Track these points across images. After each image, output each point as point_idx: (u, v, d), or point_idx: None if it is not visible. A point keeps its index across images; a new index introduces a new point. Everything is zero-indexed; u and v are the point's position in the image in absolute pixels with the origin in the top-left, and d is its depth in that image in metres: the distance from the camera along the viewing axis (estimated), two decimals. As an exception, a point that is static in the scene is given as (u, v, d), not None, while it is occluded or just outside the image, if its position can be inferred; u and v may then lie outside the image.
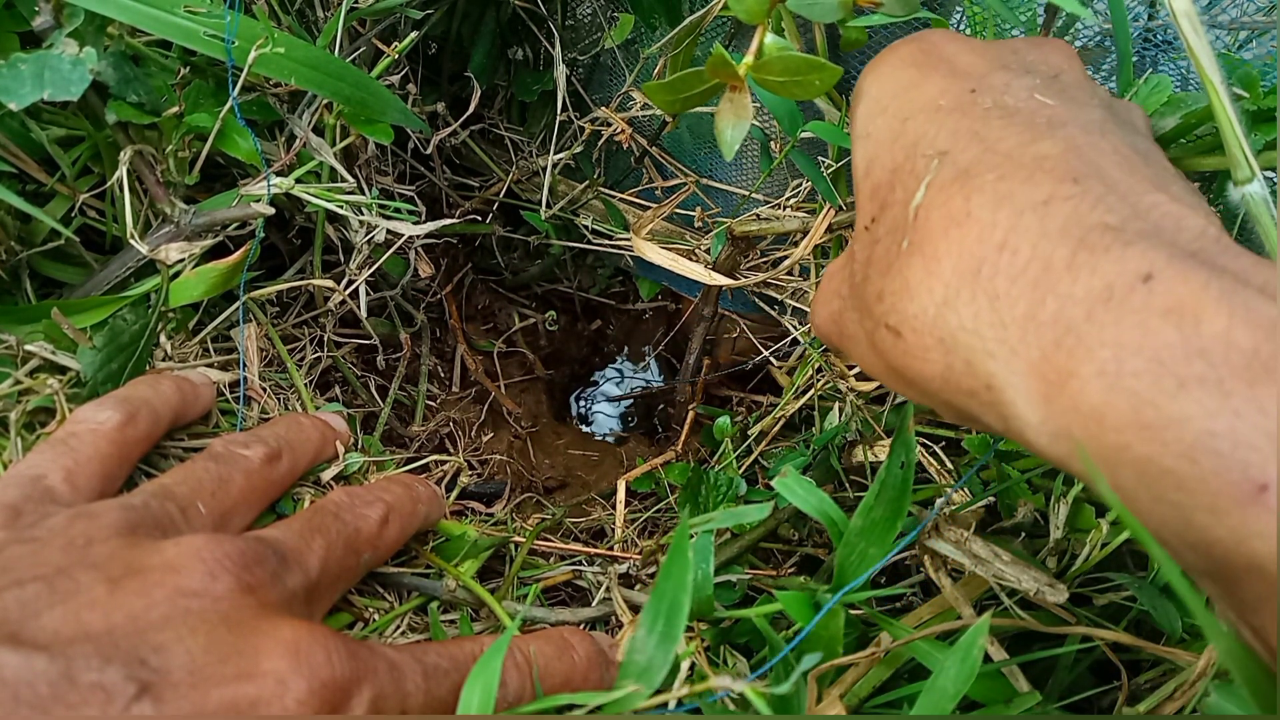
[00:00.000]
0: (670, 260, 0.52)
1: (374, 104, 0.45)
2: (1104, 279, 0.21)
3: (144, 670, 0.24)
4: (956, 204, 0.24)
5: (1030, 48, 0.30)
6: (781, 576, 0.43)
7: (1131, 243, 0.21)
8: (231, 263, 0.44)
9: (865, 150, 0.29)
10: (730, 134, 0.31)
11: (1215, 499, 0.19)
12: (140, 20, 0.37)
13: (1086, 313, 0.21)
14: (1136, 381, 0.20)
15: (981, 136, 0.26)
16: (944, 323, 0.24)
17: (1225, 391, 0.19)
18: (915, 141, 0.27)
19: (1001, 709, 0.32)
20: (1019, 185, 0.24)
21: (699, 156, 0.62)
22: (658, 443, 0.78)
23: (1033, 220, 0.23)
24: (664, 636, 0.28)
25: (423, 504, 0.39)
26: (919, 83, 0.28)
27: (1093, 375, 0.21)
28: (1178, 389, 0.19)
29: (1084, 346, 0.21)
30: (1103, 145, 0.25)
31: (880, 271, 0.27)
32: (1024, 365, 0.22)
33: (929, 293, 0.24)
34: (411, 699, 0.29)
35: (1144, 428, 0.20)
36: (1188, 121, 0.35)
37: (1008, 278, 0.23)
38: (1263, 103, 0.32)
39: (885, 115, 0.29)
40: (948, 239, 0.24)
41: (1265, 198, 0.27)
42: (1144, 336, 0.20)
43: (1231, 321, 0.19)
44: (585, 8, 0.60)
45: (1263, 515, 0.18)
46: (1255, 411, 0.19)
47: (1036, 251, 0.22)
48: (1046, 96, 0.27)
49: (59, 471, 0.32)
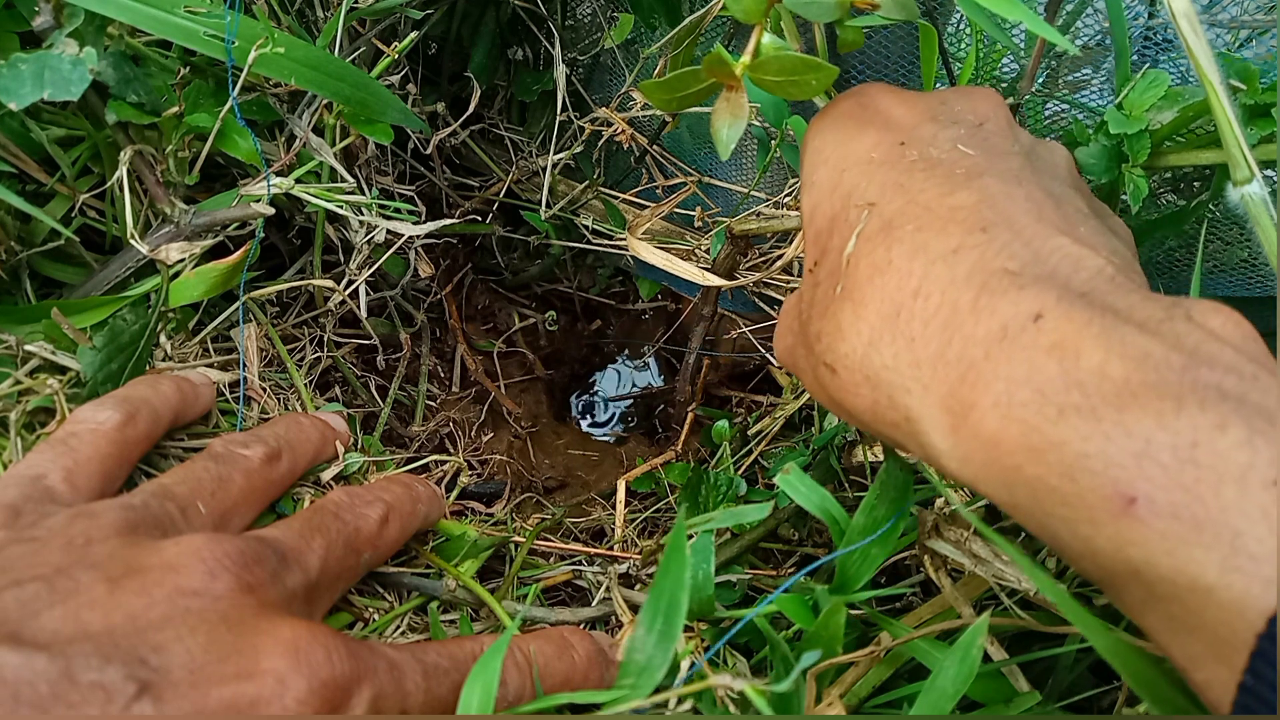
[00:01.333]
0: (665, 260, 0.53)
1: (374, 104, 0.45)
2: (1000, 320, 0.24)
3: (144, 669, 0.24)
4: (880, 254, 0.27)
5: (959, 98, 0.32)
6: (781, 576, 0.43)
7: (1026, 286, 0.24)
8: (231, 263, 0.44)
9: (809, 198, 0.32)
10: (727, 133, 0.31)
11: (1093, 513, 0.21)
12: (140, 20, 0.37)
13: (985, 351, 0.24)
14: (1024, 410, 0.23)
15: (905, 188, 0.28)
16: (870, 362, 0.27)
17: (1097, 417, 0.21)
18: (849, 192, 0.30)
19: (1001, 709, 0.32)
20: (933, 236, 0.26)
21: (699, 156, 0.62)
22: (658, 443, 0.78)
23: (943, 268, 0.26)
24: (663, 634, 0.28)
25: (422, 504, 0.39)
26: (855, 136, 0.31)
27: (989, 406, 0.23)
28: (1058, 416, 0.22)
29: (982, 381, 0.24)
30: (1016, 193, 0.27)
31: (819, 314, 0.29)
32: (935, 399, 0.25)
33: (857, 335, 0.27)
34: (411, 698, 0.29)
35: (1031, 451, 0.22)
36: (1184, 115, 0.35)
37: (922, 321, 0.25)
38: (1260, 97, 0.32)
39: (826, 166, 0.31)
40: (872, 286, 0.27)
41: (1264, 198, 0.27)
42: (1031, 371, 0.23)
43: (1107, 355, 0.22)
44: (585, 8, 0.60)
45: (1134, 525, 0.20)
46: (1122, 434, 0.21)
47: (945, 297, 0.25)
48: (968, 147, 0.29)
49: (59, 471, 0.32)
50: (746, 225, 0.50)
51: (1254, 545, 0.19)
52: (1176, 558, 0.20)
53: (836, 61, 0.31)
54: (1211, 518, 0.20)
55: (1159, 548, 0.20)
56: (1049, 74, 0.45)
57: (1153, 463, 0.20)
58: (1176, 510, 0.20)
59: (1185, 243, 0.44)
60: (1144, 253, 0.46)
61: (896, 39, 0.45)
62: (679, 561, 0.29)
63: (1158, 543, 0.20)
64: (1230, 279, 0.44)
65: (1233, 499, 0.19)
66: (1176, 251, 0.45)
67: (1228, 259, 0.43)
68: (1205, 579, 0.20)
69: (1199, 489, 0.20)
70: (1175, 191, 0.43)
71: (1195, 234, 0.43)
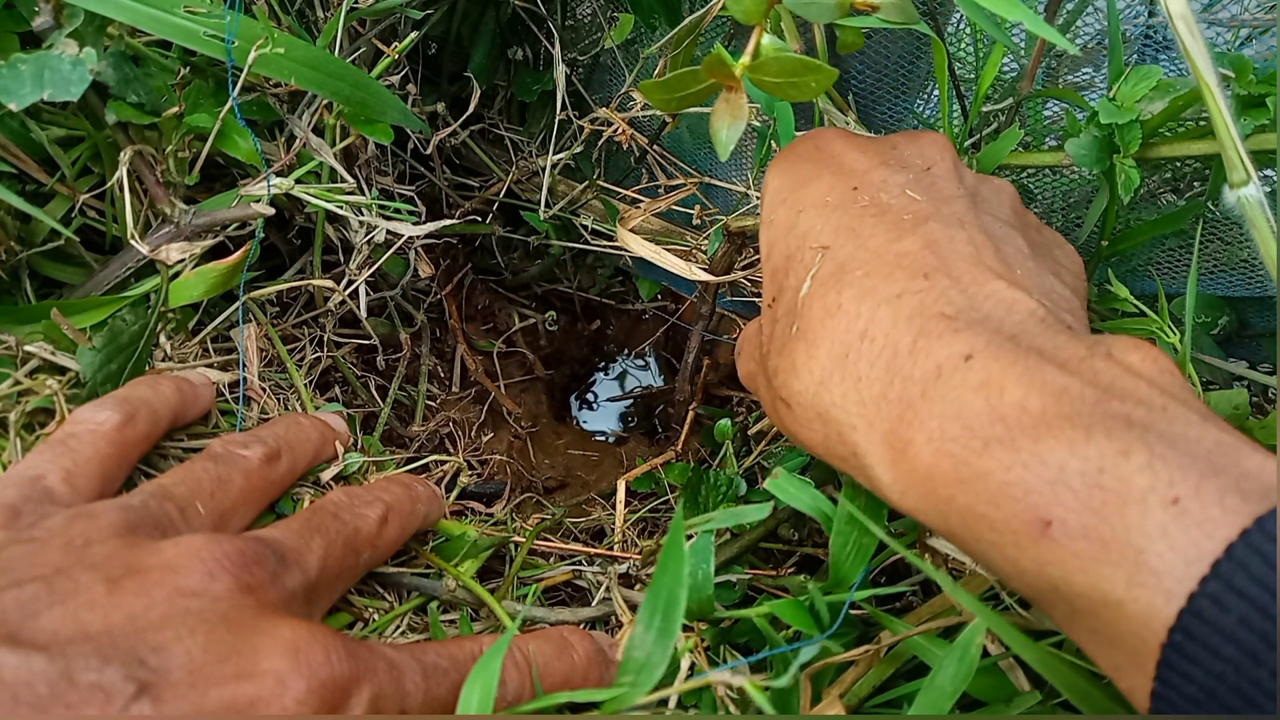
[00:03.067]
0: (654, 253, 0.53)
1: (374, 104, 0.45)
2: (935, 361, 0.26)
3: (143, 670, 0.24)
4: (831, 297, 0.29)
5: (908, 143, 0.34)
6: (781, 576, 0.43)
7: (960, 330, 0.26)
8: (231, 263, 0.44)
9: (767, 235, 0.34)
10: (726, 134, 0.31)
11: (1016, 536, 0.23)
12: (140, 20, 0.37)
13: (922, 391, 0.26)
14: (954, 445, 0.25)
15: (857, 233, 0.30)
16: (821, 400, 0.29)
17: (1017, 448, 0.23)
18: (805, 234, 0.32)
19: (1002, 708, 0.32)
20: (880, 281, 0.28)
21: (699, 156, 0.62)
22: (658, 443, 0.78)
23: (887, 312, 0.28)
24: (662, 632, 0.28)
25: (422, 504, 0.39)
26: (812, 179, 0.33)
27: (924, 441, 0.25)
28: (983, 449, 0.24)
29: (919, 418, 0.26)
30: (958, 237, 0.29)
31: (777, 350, 0.31)
32: (877, 436, 0.27)
33: (809, 374, 0.29)
34: (411, 698, 0.29)
35: (961, 482, 0.24)
36: (1174, 105, 0.35)
37: (868, 362, 0.27)
38: (1252, 89, 0.33)
39: (784, 206, 0.33)
40: (824, 327, 0.29)
41: (1261, 200, 0.27)
42: (960, 407, 0.25)
43: (1028, 391, 0.24)
44: (585, 8, 0.60)
45: (1051, 547, 0.22)
46: (1038, 463, 0.23)
47: (888, 340, 0.27)
48: (916, 192, 0.31)
49: (58, 472, 0.32)
50: (743, 222, 0.49)
51: (1155, 561, 0.21)
52: (1089, 575, 0.22)
53: (836, 63, 0.31)
54: (1117, 537, 0.21)
55: (1073, 566, 0.22)
56: (1048, 74, 0.45)
57: (1065, 488, 0.22)
58: (1086, 531, 0.22)
59: (1185, 242, 0.44)
60: (1143, 252, 0.46)
61: (896, 40, 0.45)
62: (677, 559, 0.29)
63: (1072, 562, 0.22)
64: (1230, 279, 0.44)
65: (1135, 519, 0.21)
66: (1176, 251, 0.45)
67: (1228, 259, 0.43)
68: (1115, 594, 0.21)
69: (1105, 511, 0.21)
70: (1174, 191, 0.43)
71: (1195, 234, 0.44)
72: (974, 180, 0.34)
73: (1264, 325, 0.47)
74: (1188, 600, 0.20)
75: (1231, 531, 0.20)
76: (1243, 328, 0.48)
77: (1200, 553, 0.20)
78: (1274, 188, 0.39)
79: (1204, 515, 0.20)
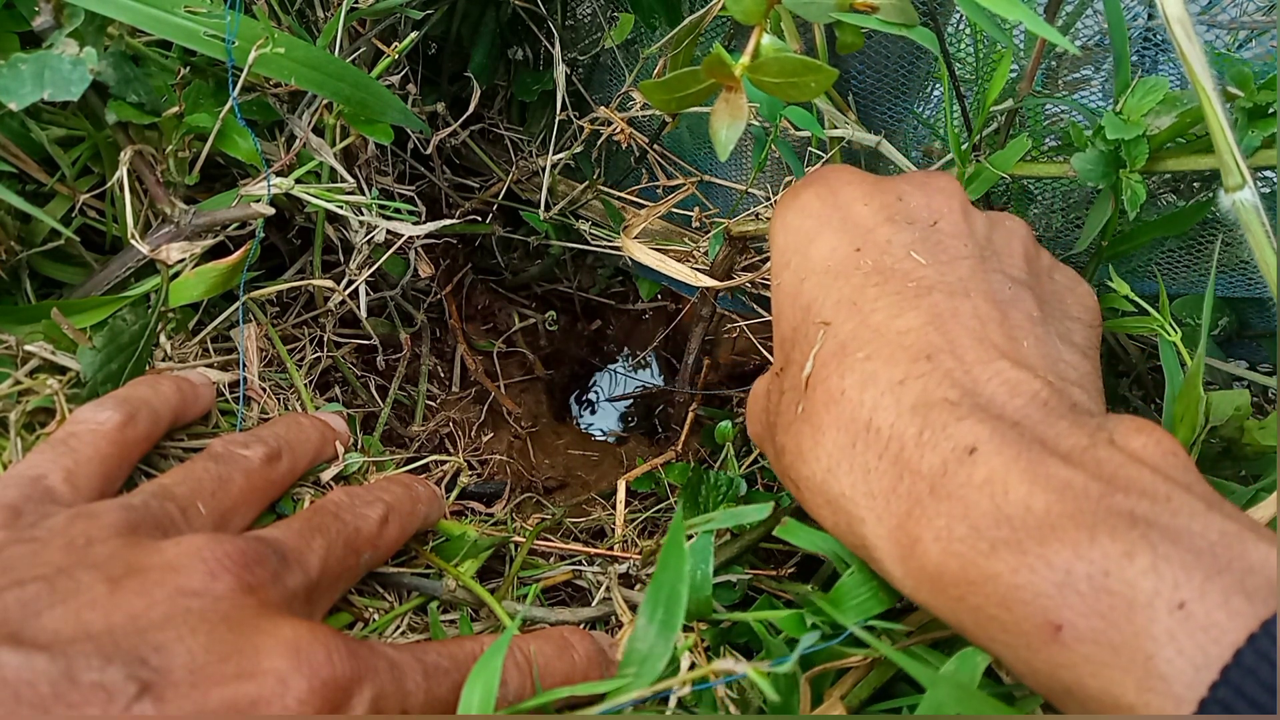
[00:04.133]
0: (658, 261, 0.53)
1: (374, 104, 0.45)
2: (940, 456, 0.26)
3: (145, 669, 0.24)
4: (834, 382, 0.29)
5: (916, 191, 0.33)
6: (782, 577, 0.43)
7: (964, 418, 0.26)
8: (231, 263, 0.44)
9: (775, 302, 0.34)
10: (725, 134, 0.31)
11: (1028, 639, 0.23)
12: (140, 20, 0.37)
13: (930, 487, 0.26)
14: (961, 545, 0.24)
15: (858, 306, 0.30)
16: (829, 488, 0.28)
17: (1023, 550, 0.23)
18: (809, 305, 0.31)
19: (1002, 708, 0.32)
20: (882, 365, 0.28)
21: (699, 156, 0.62)
22: (658, 443, 0.78)
23: (891, 400, 0.27)
24: (664, 625, 0.28)
25: (422, 504, 0.39)
26: (814, 238, 0.32)
27: (931, 540, 0.25)
28: (990, 551, 0.24)
29: (925, 516, 0.25)
30: (962, 309, 0.29)
31: (784, 427, 0.31)
32: (886, 531, 0.27)
33: (816, 460, 0.29)
34: (412, 698, 0.29)
35: (970, 583, 0.24)
36: (1182, 121, 0.35)
37: (875, 454, 0.27)
38: (1258, 98, 0.33)
39: (788, 271, 0.33)
40: (829, 414, 0.29)
41: (1256, 204, 0.27)
42: (966, 507, 0.25)
43: (1032, 489, 0.24)
44: (585, 8, 0.60)
45: (1062, 650, 0.22)
46: (1045, 566, 0.23)
47: (894, 430, 0.27)
48: (921, 254, 0.31)
49: (59, 472, 0.32)
50: (744, 227, 0.49)
51: (1164, 666, 0.21)
52: (1100, 679, 0.22)
53: (836, 63, 0.31)
54: (1126, 642, 0.21)
55: (1085, 670, 0.22)
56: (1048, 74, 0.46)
57: (1073, 592, 0.22)
58: (1096, 636, 0.22)
59: (1185, 243, 0.44)
60: (1144, 253, 0.46)
61: (896, 40, 0.45)
62: (678, 554, 0.29)
63: (1083, 665, 0.22)
64: (1230, 279, 0.44)
65: (1143, 624, 0.21)
66: (1176, 252, 0.45)
67: (1227, 259, 0.43)
68: (1126, 698, 0.21)
69: (1113, 615, 0.22)
70: (1175, 192, 0.43)
71: (1195, 234, 0.43)
72: (985, 228, 0.33)
73: (1264, 326, 0.47)
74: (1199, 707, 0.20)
75: (1238, 637, 0.20)
76: (1243, 328, 0.48)
77: (1208, 659, 0.20)
78: (1273, 188, 0.39)
79: (1209, 620, 0.21)
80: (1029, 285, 0.31)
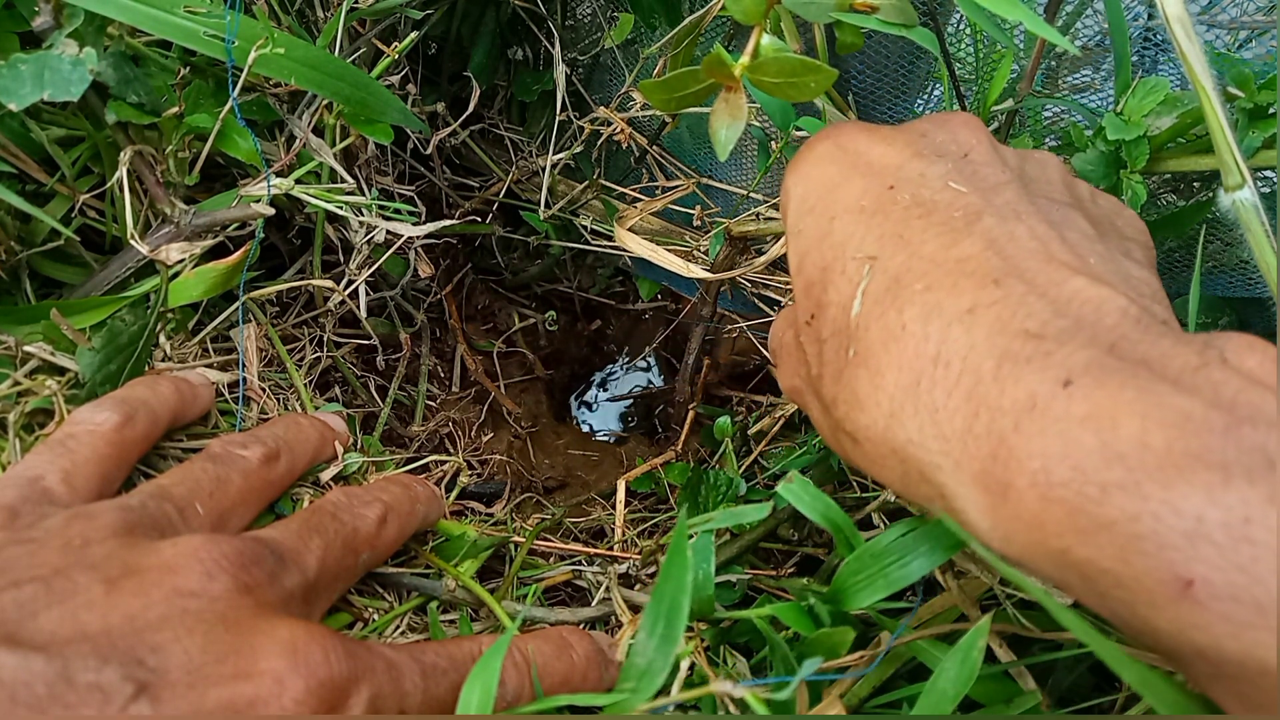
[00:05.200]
0: (651, 251, 0.52)
1: (374, 104, 0.45)
2: (1027, 389, 0.22)
3: (141, 670, 0.24)
4: (892, 317, 0.26)
5: (938, 128, 0.31)
6: (781, 576, 0.43)
7: (1051, 351, 0.23)
8: (231, 263, 0.44)
9: (797, 247, 0.30)
10: (725, 134, 0.31)
11: (1151, 595, 0.20)
12: (140, 20, 0.37)
13: (1015, 423, 0.22)
14: (1065, 490, 0.21)
15: (906, 240, 0.27)
16: (894, 435, 0.25)
17: (1143, 495, 0.20)
18: (843, 242, 0.28)
19: (1002, 709, 0.32)
20: (945, 295, 0.25)
21: (699, 156, 0.62)
22: (658, 443, 0.78)
23: (960, 331, 0.24)
24: (664, 639, 0.28)
25: (421, 504, 0.39)
26: (840, 182, 0.29)
27: (1027, 486, 0.22)
28: (1102, 495, 0.21)
29: (1015, 458, 0.22)
30: (1019, 232, 0.26)
31: (832, 377, 0.28)
32: (968, 477, 0.23)
33: (877, 406, 0.26)
34: (410, 698, 0.29)
35: (1079, 533, 0.21)
36: (1183, 121, 0.35)
37: (944, 390, 0.24)
38: (1259, 99, 0.32)
39: (813, 214, 0.30)
40: (888, 353, 0.26)
41: (1255, 204, 0.27)
42: (1066, 445, 0.21)
43: (1145, 423, 0.21)
44: (585, 8, 0.60)
45: (1194, 609, 0.20)
46: (1171, 514, 0.20)
47: (967, 364, 0.24)
48: (960, 184, 0.28)
49: (57, 473, 0.32)
50: (745, 227, 0.50)
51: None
52: (1242, 641, 0.19)
53: (836, 63, 0.31)
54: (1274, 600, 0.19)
55: (1223, 631, 0.19)
56: (1048, 75, 0.45)
57: (1206, 542, 0.19)
58: (1236, 593, 0.19)
59: (1185, 243, 0.44)
60: (1144, 253, 0.46)
61: (896, 40, 0.45)
62: (681, 565, 0.28)
63: (1221, 626, 0.19)
64: (1230, 279, 0.44)
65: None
66: (1176, 252, 0.45)
67: (1227, 259, 0.43)
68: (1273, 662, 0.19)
69: (1257, 569, 0.19)
70: (1175, 192, 0.43)
71: (1195, 234, 0.43)
72: (1017, 160, 0.30)
73: (1264, 326, 0.47)
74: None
75: None
76: (1243, 328, 0.48)
77: None
78: (1273, 188, 0.39)
79: None
80: (1075, 207, 0.29)
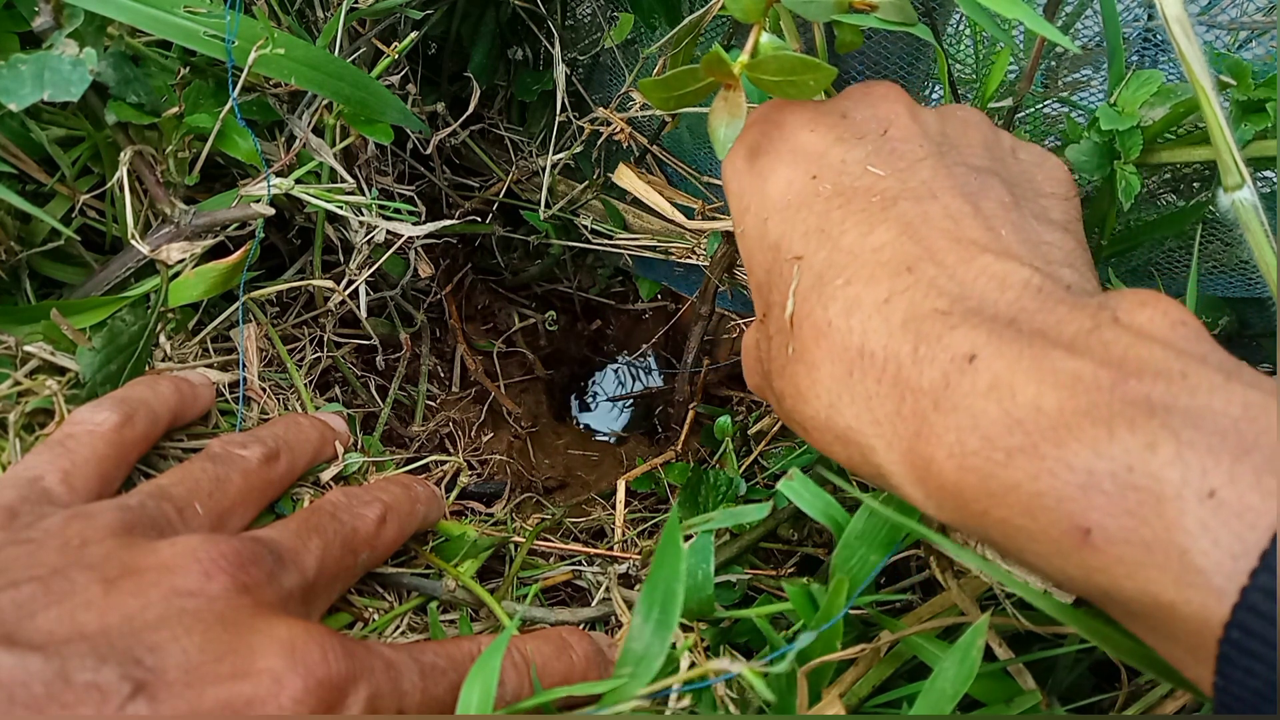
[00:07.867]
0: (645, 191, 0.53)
1: (374, 104, 0.45)
2: (940, 368, 0.24)
3: (139, 670, 0.24)
4: (818, 314, 0.28)
5: (859, 105, 0.32)
6: (781, 577, 0.43)
7: (957, 325, 0.25)
8: (231, 263, 0.44)
9: (743, 248, 0.32)
10: (724, 133, 0.31)
11: (1058, 546, 0.22)
12: (140, 20, 0.37)
13: (934, 403, 0.24)
14: (976, 459, 0.23)
15: (826, 233, 0.29)
16: (835, 424, 0.27)
17: (1040, 455, 0.22)
18: (777, 243, 0.30)
19: (1002, 708, 0.32)
20: (863, 288, 0.27)
21: (699, 156, 0.62)
22: (658, 443, 0.78)
23: (879, 321, 0.26)
24: (659, 624, 0.28)
25: (421, 504, 0.39)
26: (768, 175, 0.31)
27: (945, 458, 0.24)
28: (1007, 459, 0.23)
29: (935, 434, 0.24)
30: (933, 213, 0.28)
31: (778, 373, 0.30)
32: (899, 455, 0.26)
33: (817, 398, 0.28)
34: (409, 698, 0.29)
35: (992, 496, 0.23)
36: (1176, 112, 0.35)
37: (874, 379, 0.26)
38: (1252, 94, 0.32)
39: (749, 215, 0.32)
40: (819, 349, 0.27)
41: (1255, 204, 0.27)
42: (975, 417, 0.23)
43: (1040, 388, 0.23)
44: (585, 8, 0.60)
45: (1094, 554, 0.21)
46: (1065, 470, 0.22)
47: (888, 352, 0.26)
48: (879, 166, 0.30)
49: (56, 473, 0.32)
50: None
51: (1200, 559, 0.20)
52: (1137, 580, 0.21)
53: (835, 62, 0.31)
54: (1158, 538, 0.20)
55: (1119, 572, 0.21)
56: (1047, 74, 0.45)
57: (1097, 492, 0.21)
58: (1127, 535, 0.21)
59: (1185, 243, 0.44)
60: (1143, 253, 0.46)
61: (895, 40, 0.45)
62: (674, 553, 0.29)
63: (1117, 567, 0.21)
64: (1230, 279, 0.44)
65: (1174, 516, 0.20)
66: (1176, 252, 0.45)
67: (1227, 259, 0.43)
68: (1165, 596, 0.20)
69: (1142, 511, 0.21)
70: (1175, 192, 0.43)
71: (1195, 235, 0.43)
72: (937, 124, 0.32)
73: (1264, 326, 0.47)
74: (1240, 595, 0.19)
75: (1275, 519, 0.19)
76: (1243, 328, 0.48)
77: (1245, 546, 0.19)
78: (1273, 188, 0.39)
79: (1243, 505, 0.20)
80: (994, 171, 0.30)
